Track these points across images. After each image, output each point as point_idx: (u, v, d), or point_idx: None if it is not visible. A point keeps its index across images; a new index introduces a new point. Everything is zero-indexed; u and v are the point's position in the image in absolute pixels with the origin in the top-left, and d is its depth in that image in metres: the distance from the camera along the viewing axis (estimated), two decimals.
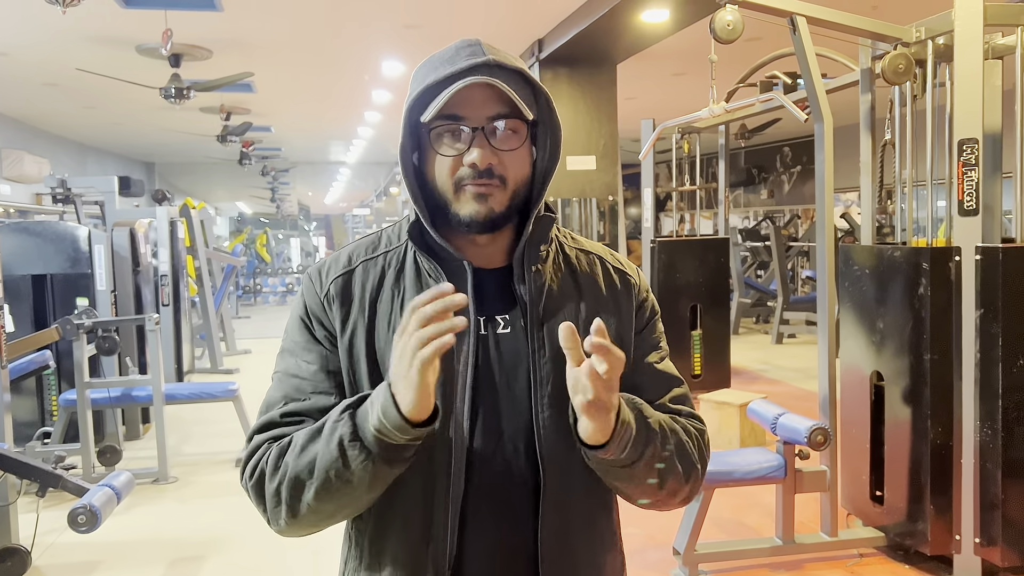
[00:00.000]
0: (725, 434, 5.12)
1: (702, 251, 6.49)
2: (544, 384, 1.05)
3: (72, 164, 12.08)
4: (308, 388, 1.07)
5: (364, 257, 1.12)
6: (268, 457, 1.03)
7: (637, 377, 1.14)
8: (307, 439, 1.00)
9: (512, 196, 1.06)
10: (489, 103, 1.03)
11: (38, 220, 6.70)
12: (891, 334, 3.31)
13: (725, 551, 3.37)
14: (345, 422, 0.97)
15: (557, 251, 1.15)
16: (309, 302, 1.11)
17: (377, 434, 0.94)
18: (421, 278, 1.08)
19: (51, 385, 5.10)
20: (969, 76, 3.03)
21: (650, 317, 1.20)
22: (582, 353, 0.93)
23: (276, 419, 1.06)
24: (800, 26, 3.25)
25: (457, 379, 1.04)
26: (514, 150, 1.05)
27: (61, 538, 3.82)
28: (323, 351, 1.08)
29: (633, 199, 13.61)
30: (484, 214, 1.04)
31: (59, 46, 6.38)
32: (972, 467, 3.04)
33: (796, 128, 11.26)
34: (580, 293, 1.12)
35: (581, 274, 1.14)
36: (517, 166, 1.06)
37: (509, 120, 1.04)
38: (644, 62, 6.85)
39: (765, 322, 10.83)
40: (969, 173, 3.03)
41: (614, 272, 1.18)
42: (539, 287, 1.09)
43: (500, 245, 1.11)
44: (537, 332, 1.07)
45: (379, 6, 5.50)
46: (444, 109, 1.02)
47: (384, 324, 1.07)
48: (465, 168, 1.03)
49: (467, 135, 1.03)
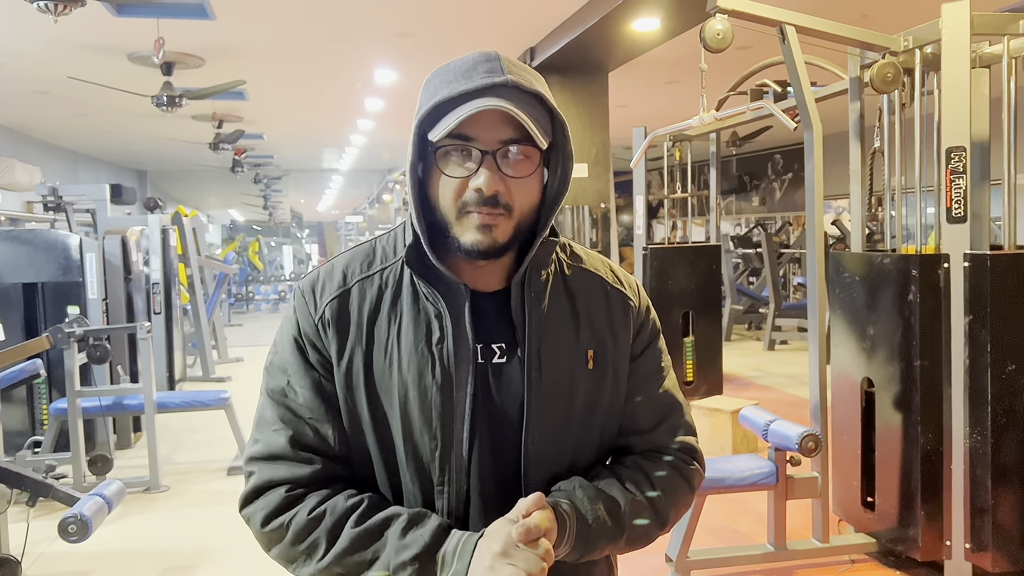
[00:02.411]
0: (717, 440, 5.13)
1: (694, 258, 6.51)
2: (537, 415, 1.04)
3: (63, 172, 12.04)
4: (305, 414, 1.05)
5: (360, 275, 1.08)
6: (294, 520, 1.01)
7: (634, 406, 1.14)
8: (356, 540, 0.99)
9: (517, 226, 1.02)
10: (502, 126, 0.98)
11: (29, 228, 6.68)
12: (881, 340, 3.33)
13: (717, 558, 3.38)
14: (414, 574, 0.96)
15: (556, 272, 1.11)
16: (303, 323, 1.07)
17: None
18: (419, 302, 1.05)
19: (42, 394, 5.07)
20: (956, 85, 3.06)
21: (650, 339, 1.17)
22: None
23: (283, 451, 1.04)
24: (789, 35, 3.28)
25: (456, 408, 1.03)
26: (524, 177, 1.00)
27: (52, 548, 3.79)
28: (317, 376, 1.06)
29: (625, 206, 13.65)
30: (487, 244, 1.00)
31: (51, 54, 6.37)
32: (962, 473, 3.06)
33: (787, 136, 11.32)
34: (577, 320, 1.10)
35: (579, 299, 1.11)
36: (525, 194, 1.02)
37: (521, 146, 0.99)
38: (636, 70, 6.89)
39: (757, 329, 10.86)
40: (957, 181, 3.06)
41: (613, 295, 1.14)
42: (537, 315, 1.06)
43: (499, 267, 1.08)
44: (534, 369, 1.05)
45: (371, 14, 5.52)
46: (454, 128, 0.97)
47: (381, 352, 1.04)
48: (471, 192, 0.99)
49: (476, 158, 0.98)
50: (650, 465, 1.11)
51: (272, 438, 1.05)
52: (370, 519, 1.00)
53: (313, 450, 1.04)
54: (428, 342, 1.03)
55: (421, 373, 1.02)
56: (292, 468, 1.03)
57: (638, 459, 1.12)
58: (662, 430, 1.14)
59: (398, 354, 1.04)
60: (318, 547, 1.00)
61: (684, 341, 6.38)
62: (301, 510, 1.01)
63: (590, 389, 1.09)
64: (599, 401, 1.10)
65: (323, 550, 1.00)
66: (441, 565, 0.97)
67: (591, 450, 1.11)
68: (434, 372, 1.02)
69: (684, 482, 1.13)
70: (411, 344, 1.03)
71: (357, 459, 1.07)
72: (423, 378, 1.02)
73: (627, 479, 1.09)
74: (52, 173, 11.10)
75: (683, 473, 1.13)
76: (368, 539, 0.99)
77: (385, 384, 1.04)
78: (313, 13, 5.45)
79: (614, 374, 1.11)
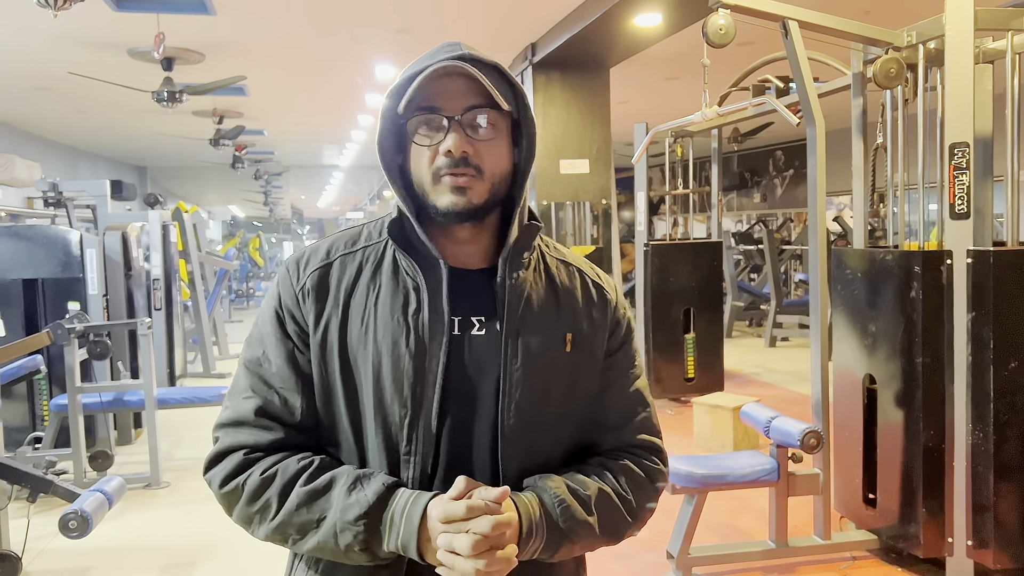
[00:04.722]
0: (718, 437, 5.13)
1: (695, 255, 6.51)
2: (512, 391, 1.06)
3: (64, 168, 12.03)
4: (276, 383, 1.07)
5: (343, 251, 1.12)
6: (247, 481, 1.04)
7: (605, 400, 1.15)
8: (304, 499, 1.02)
9: (491, 188, 1.06)
10: (466, 95, 1.04)
11: (29, 224, 6.66)
12: (883, 337, 3.32)
13: (719, 554, 3.37)
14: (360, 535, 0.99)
15: (539, 260, 1.15)
16: (284, 295, 1.10)
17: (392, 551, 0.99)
18: (398, 275, 1.08)
19: (42, 390, 5.07)
20: (960, 80, 3.05)
21: (626, 335, 1.19)
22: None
23: (248, 418, 1.06)
24: (792, 30, 3.26)
25: (427, 376, 1.04)
26: (491, 140, 1.05)
27: (52, 544, 3.79)
28: (292, 347, 1.08)
29: (626, 203, 13.63)
30: (462, 204, 1.04)
31: (51, 50, 6.36)
32: (964, 470, 3.05)
33: (789, 132, 11.30)
34: (558, 304, 1.13)
35: (560, 285, 1.14)
36: (494, 158, 1.06)
37: (485, 110, 1.04)
38: (637, 66, 6.87)
39: (758, 325, 10.85)
40: (960, 177, 3.05)
41: (592, 286, 1.18)
42: (518, 294, 1.09)
43: (481, 246, 1.11)
44: (511, 340, 1.07)
45: (371, 10, 5.50)
46: (422, 101, 1.03)
47: (357, 320, 1.07)
48: (441, 157, 1.04)
49: (444, 125, 1.04)
50: (618, 464, 1.13)
51: (241, 405, 1.08)
52: (318, 478, 1.02)
53: (278, 419, 1.07)
54: (404, 312, 1.06)
55: (395, 342, 1.04)
56: (255, 434, 1.06)
57: (604, 459, 1.14)
58: (630, 429, 1.16)
59: (374, 323, 1.06)
60: (270, 507, 1.03)
61: (685, 338, 6.38)
62: (255, 471, 1.04)
63: (567, 371, 1.11)
64: (576, 385, 1.12)
65: (274, 510, 1.02)
66: (388, 527, 0.99)
67: (568, 439, 1.13)
68: (408, 341, 1.04)
69: (649, 481, 1.15)
70: (387, 314, 1.06)
71: (327, 429, 1.08)
72: (397, 346, 1.04)
73: (598, 476, 1.10)
74: (52, 169, 11.09)
75: (649, 473, 1.15)
76: (315, 498, 1.01)
77: (360, 352, 1.06)
78: (313, 9, 5.43)
79: (591, 360, 1.14)
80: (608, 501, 1.08)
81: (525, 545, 1.00)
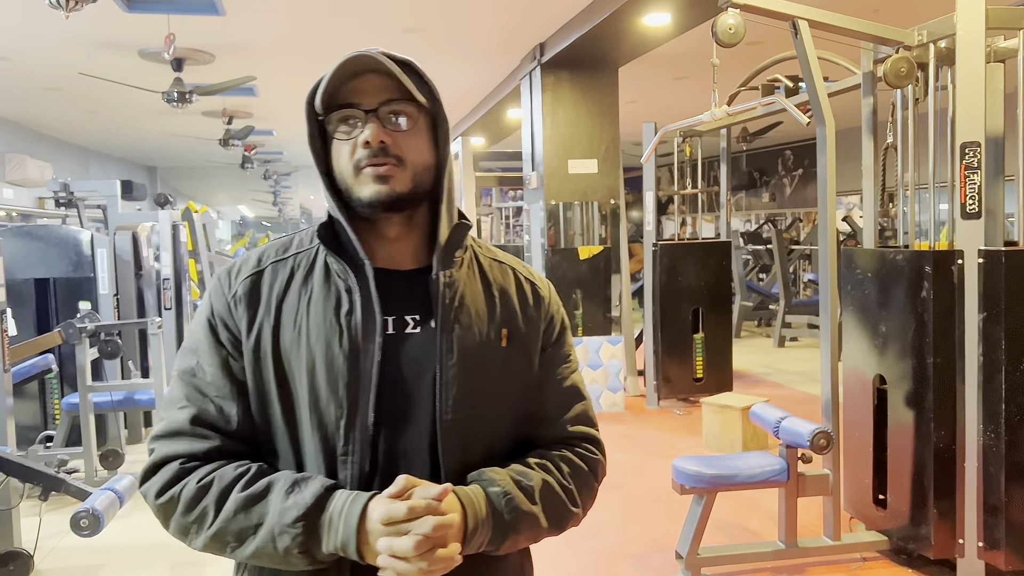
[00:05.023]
0: (727, 437, 5.12)
1: (704, 254, 6.49)
2: (449, 388, 1.07)
3: (75, 168, 12.09)
4: (211, 391, 1.07)
5: (274, 258, 1.13)
6: (183, 490, 1.03)
7: (542, 394, 1.17)
8: (241, 505, 1.01)
9: (414, 178, 1.07)
10: (382, 90, 1.06)
11: (41, 224, 6.71)
12: (894, 337, 3.31)
13: (727, 555, 3.36)
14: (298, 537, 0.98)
15: (472, 258, 1.16)
16: (216, 304, 1.10)
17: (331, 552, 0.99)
18: (330, 278, 1.09)
19: (53, 389, 5.10)
20: (971, 79, 3.03)
21: (560, 333, 1.21)
22: None
23: (184, 428, 1.06)
24: (802, 30, 3.25)
25: (362, 377, 1.05)
26: (408, 132, 1.07)
27: (63, 542, 3.82)
28: (226, 355, 1.08)
29: (634, 202, 13.61)
30: (385, 193, 1.05)
31: (62, 50, 6.40)
32: (975, 471, 3.04)
33: (798, 131, 11.27)
34: (493, 301, 1.14)
35: (494, 283, 1.16)
36: (414, 149, 1.08)
37: (401, 103, 1.06)
38: (646, 66, 6.86)
39: (767, 325, 10.82)
40: (972, 176, 3.03)
41: (526, 283, 1.19)
42: (452, 291, 1.10)
43: (413, 244, 1.13)
44: (446, 336, 1.08)
45: (380, 10, 5.51)
46: (339, 99, 1.06)
47: (290, 324, 1.07)
48: (360, 149, 1.05)
49: (361, 118, 1.06)
50: (559, 455, 1.14)
51: (176, 415, 1.07)
52: (255, 484, 1.02)
53: (214, 427, 1.06)
54: (337, 314, 1.06)
55: (329, 343, 1.05)
56: (191, 443, 1.05)
57: (545, 451, 1.15)
58: (567, 421, 1.18)
59: (307, 326, 1.06)
60: (207, 515, 1.02)
61: (694, 338, 6.37)
62: (191, 480, 1.03)
63: (504, 366, 1.12)
64: (513, 382, 1.13)
65: (211, 518, 1.02)
66: (327, 528, 0.99)
67: (506, 433, 1.14)
68: (341, 341, 1.05)
69: (588, 471, 1.16)
70: (320, 316, 1.07)
71: (263, 435, 1.08)
72: (330, 348, 1.05)
73: (540, 468, 1.11)
74: (63, 169, 11.16)
75: (588, 463, 1.17)
76: (253, 503, 1.01)
77: (294, 356, 1.06)
78: (322, 8, 5.45)
79: (526, 356, 1.15)
80: (551, 492, 1.10)
81: (470, 540, 1.01)
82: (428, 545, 0.94)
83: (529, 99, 6.71)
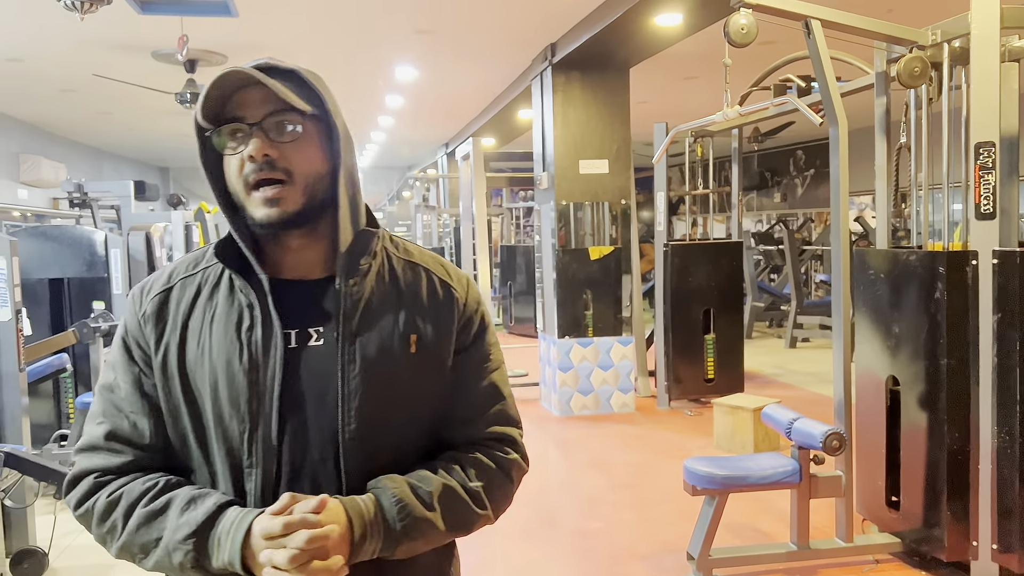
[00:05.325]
0: (738, 438, 5.10)
1: (715, 255, 6.48)
2: (352, 398, 1.07)
3: (88, 169, 12.18)
4: (126, 407, 1.10)
5: (184, 274, 1.14)
6: (96, 504, 1.07)
7: (458, 397, 1.16)
8: (143, 520, 1.04)
9: (306, 191, 1.07)
10: (266, 102, 1.05)
11: (55, 224, 6.76)
12: (907, 339, 3.29)
13: (739, 556, 3.36)
14: (189, 553, 1.01)
15: (383, 263, 1.15)
16: (129, 322, 1.14)
17: (222, 568, 1.00)
18: (234, 294, 1.10)
19: (68, 388, 5.13)
20: (986, 79, 3.01)
21: (478, 332, 1.19)
22: None
23: (99, 443, 1.10)
24: (815, 30, 3.24)
25: (264, 392, 1.06)
26: (295, 142, 1.06)
27: (78, 540, 3.84)
28: (138, 372, 1.11)
29: (645, 203, 13.59)
30: (276, 215, 1.05)
31: (76, 52, 6.44)
32: (989, 473, 3.02)
33: (809, 131, 11.22)
34: (401, 306, 1.13)
35: (404, 287, 1.15)
36: (303, 160, 1.07)
37: (285, 114, 1.05)
38: (657, 66, 6.84)
39: (779, 326, 10.77)
40: (986, 176, 3.01)
41: (439, 285, 1.18)
42: (355, 300, 1.09)
43: (318, 254, 1.12)
44: (348, 346, 1.08)
45: (391, 12, 5.53)
46: (224, 113, 1.05)
47: (194, 341, 1.09)
48: (248, 164, 1.05)
49: (246, 132, 1.05)
50: (468, 457, 1.14)
51: (93, 430, 1.11)
52: (158, 500, 1.05)
53: (128, 442, 1.10)
54: (238, 330, 1.08)
55: (229, 360, 1.07)
56: (106, 458, 1.09)
57: (455, 453, 1.14)
58: (481, 422, 1.17)
59: (210, 342, 1.08)
60: (116, 528, 1.06)
61: (705, 338, 6.35)
62: (102, 494, 1.07)
63: (413, 374, 1.11)
64: (423, 388, 1.13)
65: (119, 531, 1.06)
66: (216, 545, 1.01)
67: (418, 439, 1.13)
68: (241, 358, 1.06)
69: (501, 471, 1.15)
70: (222, 332, 1.08)
71: (177, 449, 1.11)
72: (231, 364, 1.06)
73: (444, 471, 1.11)
74: (77, 170, 11.23)
75: (500, 463, 1.15)
76: (153, 519, 1.04)
77: (198, 372, 1.08)
78: (334, 11, 5.47)
79: (438, 361, 1.14)
80: (453, 495, 1.09)
81: (359, 548, 1.01)
82: (304, 558, 0.96)
83: (540, 99, 6.71)
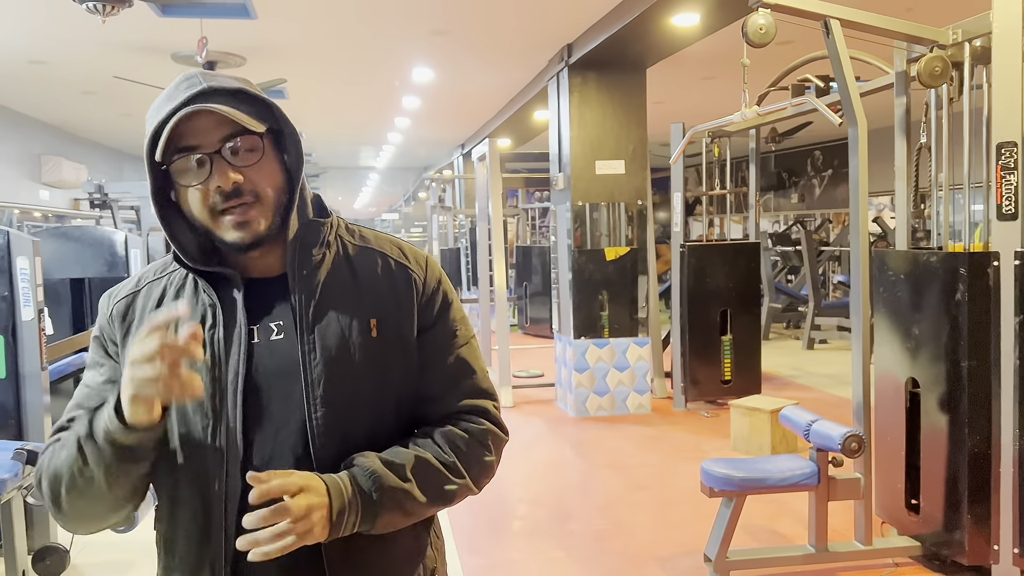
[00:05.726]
0: (755, 440, 5.08)
1: (732, 256, 6.45)
2: (316, 386, 1.09)
3: (109, 170, 12.30)
4: (95, 396, 1.13)
5: (151, 278, 1.19)
6: (44, 458, 1.11)
7: (426, 375, 1.18)
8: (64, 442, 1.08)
9: (274, 209, 1.10)
10: (219, 127, 1.06)
11: (76, 225, 6.83)
12: (927, 340, 3.26)
13: (757, 558, 3.34)
14: (82, 422, 1.05)
15: (338, 252, 1.17)
16: (100, 322, 1.19)
17: (106, 434, 1.01)
18: (199, 295, 1.13)
19: None
20: (1007, 78, 2.98)
21: (441, 310, 1.20)
22: None
23: (64, 424, 1.14)
24: (834, 29, 3.22)
25: (227, 388, 1.08)
26: (256, 164, 1.08)
27: (98, 537, 3.86)
28: (113, 364, 1.16)
29: (661, 203, 13.54)
30: (250, 238, 1.08)
31: (97, 55, 6.51)
32: (1011, 476, 2.99)
33: (827, 131, 11.14)
34: (358, 292, 1.15)
35: (360, 273, 1.17)
36: (265, 178, 1.09)
37: (241, 138, 1.06)
38: (674, 66, 6.83)
39: (796, 327, 10.71)
40: (1008, 177, 2.98)
41: (395, 267, 1.19)
42: (310, 291, 1.12)
43: (276, 254, 1.14)
44: (307, 336, 1.10)
45: (408, 13, 5.55)
46: (177, 142, 1.05)
47: None
48: (214, 195, 1.06)
49: (206, 162, 1.05)
50: (439, 431, 1.15)
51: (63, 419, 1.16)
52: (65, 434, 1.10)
53: None
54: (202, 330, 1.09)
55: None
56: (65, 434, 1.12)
57: (427, 428, 1.16)
58: (453, 396, 1.18)
59: None
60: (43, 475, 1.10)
61: (722, 340, 6.32)
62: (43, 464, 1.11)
63: (377, 356, 1.13)
64: (389, 370, 1.14)
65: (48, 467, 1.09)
66: (104, 408, 1.04)
67: (390, 421, 1.15)
68: (204, 356, 1.08)
69: (475, 440, 1.16)
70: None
71: None
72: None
73: (416, 445, 1.12)
74: (98, 171, 11.35)
75: (472, 432, 1.16)
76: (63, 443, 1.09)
77: None
78: (352, 13, 5.49)
79: (401, 342, 1.15)
80: (426, 465, 1.10)
81: (340, 521, 1.03)
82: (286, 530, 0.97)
83: (556, 100, 6.70)
